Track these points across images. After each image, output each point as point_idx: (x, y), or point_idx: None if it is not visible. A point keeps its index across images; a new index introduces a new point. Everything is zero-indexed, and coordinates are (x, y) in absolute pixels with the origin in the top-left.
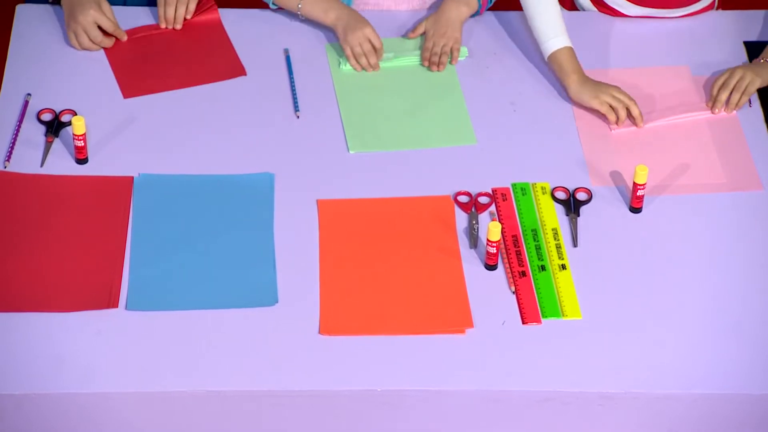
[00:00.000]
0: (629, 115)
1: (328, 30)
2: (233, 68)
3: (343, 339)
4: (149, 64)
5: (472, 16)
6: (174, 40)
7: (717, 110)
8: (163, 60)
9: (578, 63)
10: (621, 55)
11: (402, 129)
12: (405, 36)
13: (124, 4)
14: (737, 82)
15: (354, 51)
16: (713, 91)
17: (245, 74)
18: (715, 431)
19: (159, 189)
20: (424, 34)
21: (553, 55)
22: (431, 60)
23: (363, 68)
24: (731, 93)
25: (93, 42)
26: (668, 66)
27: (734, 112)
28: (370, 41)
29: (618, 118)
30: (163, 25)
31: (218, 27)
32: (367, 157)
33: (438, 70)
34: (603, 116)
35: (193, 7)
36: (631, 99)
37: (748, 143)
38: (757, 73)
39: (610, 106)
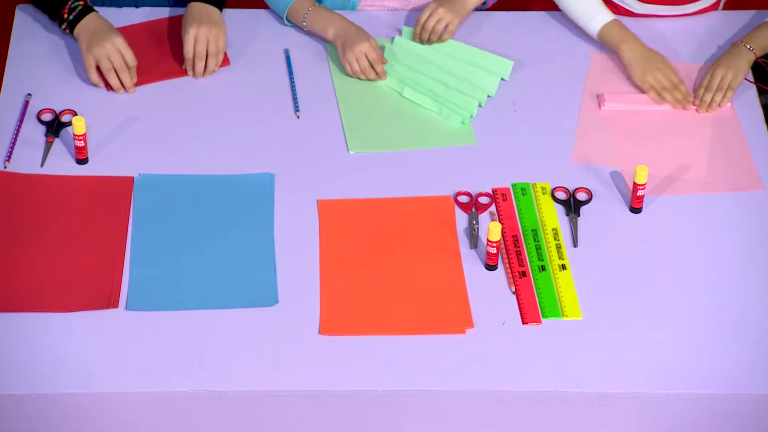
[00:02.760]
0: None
1: None
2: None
3: (343, 339)
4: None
5: (478, 8)
6: (161, 33)
7: (702, 111)
8: (148, 51)
9: (625, 33)
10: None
11: (402, 129)
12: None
13: (135, 6)
14: (719, 82)
15: (352, 68)
16: (698, 92)
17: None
18: (715, 431)
19: (159, 189)
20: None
21: (600, 34)
22: (422, 36)
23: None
24: (714, 93)
25: (115, 69)
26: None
27: (734, 111)
28: (366, 57)
29: (663, 98)
30: (190, 74)
31: None
32: (367, 157)
33: (431, 42)
34: (601, 111)
35: (220, 60)
36: (675, 84)
37: (748, 143)
38: (737, 69)
39: (655, 90)
